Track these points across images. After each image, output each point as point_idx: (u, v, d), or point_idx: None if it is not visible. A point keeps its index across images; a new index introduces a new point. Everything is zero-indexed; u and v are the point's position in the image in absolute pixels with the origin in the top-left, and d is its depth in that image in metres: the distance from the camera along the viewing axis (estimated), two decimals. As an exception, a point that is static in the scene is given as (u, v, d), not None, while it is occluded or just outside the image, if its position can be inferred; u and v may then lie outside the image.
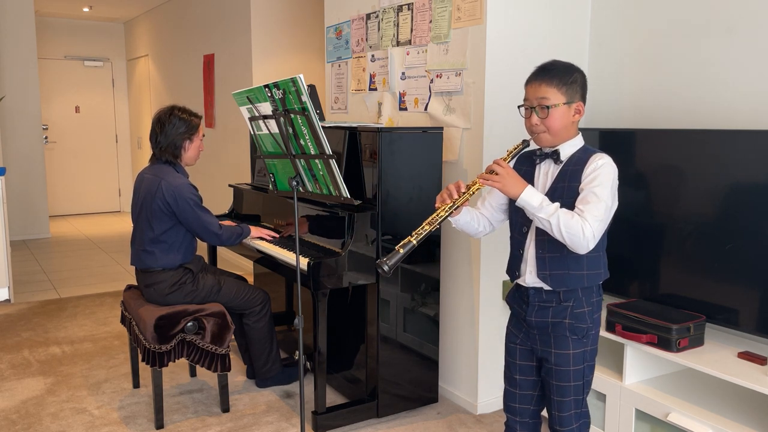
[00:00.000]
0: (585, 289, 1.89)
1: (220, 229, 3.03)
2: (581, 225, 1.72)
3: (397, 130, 2.86)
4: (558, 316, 1.89)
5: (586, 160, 1.83)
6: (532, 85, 1.86)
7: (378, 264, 1.82)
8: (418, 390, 3.07)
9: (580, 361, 1.90)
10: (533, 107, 1.84)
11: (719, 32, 2.59)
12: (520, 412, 2.05)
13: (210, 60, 6.40)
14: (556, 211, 1.74)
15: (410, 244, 1.82)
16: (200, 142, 3.08)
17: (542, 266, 1.88)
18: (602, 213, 1.75)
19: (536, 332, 1.94)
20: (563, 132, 1.85)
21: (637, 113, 2.93)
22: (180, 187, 2.90)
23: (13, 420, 2.99)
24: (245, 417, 3.02)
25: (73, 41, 9.03)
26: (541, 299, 1.91)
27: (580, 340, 1.89)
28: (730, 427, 2.20)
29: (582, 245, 1.75)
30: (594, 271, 1.88)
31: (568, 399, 1.92)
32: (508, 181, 1.77)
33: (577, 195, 1.80)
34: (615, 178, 1.81)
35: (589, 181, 1.79)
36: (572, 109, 1.84)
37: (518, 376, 2.03)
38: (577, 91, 1.84)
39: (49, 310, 4.68)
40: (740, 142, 2.33)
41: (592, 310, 1.91)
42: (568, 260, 1.84)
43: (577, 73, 1.85)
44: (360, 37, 3.67)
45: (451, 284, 3.15)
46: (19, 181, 7.12)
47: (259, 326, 3.18)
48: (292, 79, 2.16)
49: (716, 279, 2.42)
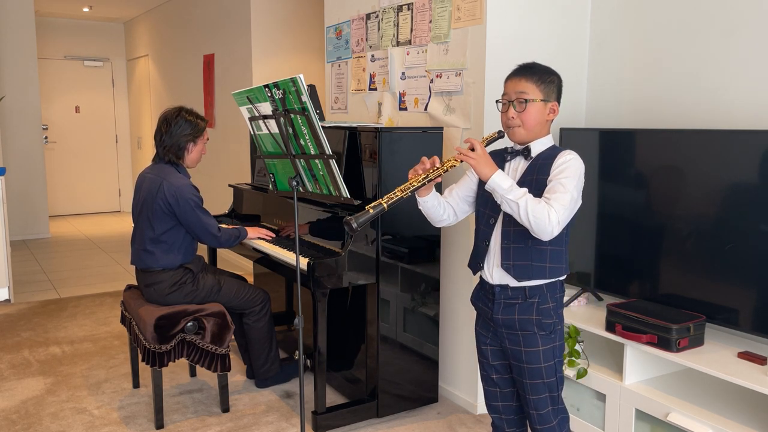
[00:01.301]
0: (549, 285, 1.93)
1: (219, 232, 3.04)
2: (547, 210, 1.77)
3: (397, 130, 2.86)
4: (524, 313, 1.92)
5: (555, 156, 1.89)
6: (512, 80, 1.92)
7: (346, 221, 1.83)
8: (418, 390, 3.07)
9: (551, 357, 1.94)
10: (511, 101, 1.90)
11: (719, 32, 2.59)
12: (504, 410, 2.08)
13: (210, 60, 6.40)
14: (525, 195, 1.79)
15: (380, 207, 1.84)
16: (204, 146, 3.09)
17: (506, 256, 1.91)
18: (568, 202, 1.80)
19: (504, 330, 1.97)
20: (537, 129, 1.91)
21: (637, 113, 2.93)
22: (182, 188, 2.91)
23: (13, 420, 2.99)
24: (245, 417, 3.02)
25: (73, 41, 9.03)
26: (506, 296, 1.94)
27: (548, 336, 1.93)
28: (730, 427, 2.20)
29: (547, 230, 1.78)
30: (556, 264, 1.91)
31: (543, 396, 1.95)
32: (482, 160, 1.82)
33: (544, 187, 1.85)
34: (582, 174, 1.86)
35: (557, 173, 1.84)
36: (548, 107, 1.91)
37: (495, 376, 2.06)
38: (553, 91, 1.92)
39: (49, 310, 4.68)
40: (740, 142, 2.33)
41: (557, 305, 1.96)
42: (531, 252, 1.89)
43: (555, 76, 1.94)
44: (360, 37, 3.67)
45: (451, 284, 3.15)
46: (19, 181, 7.12)
47: (258, 326, 3.19)
48: (292, 79, 2.16)
49: (716, 279, 2.42)
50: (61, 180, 9.02)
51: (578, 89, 3.13)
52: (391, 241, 2.86)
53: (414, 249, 2.92)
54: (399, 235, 2.87)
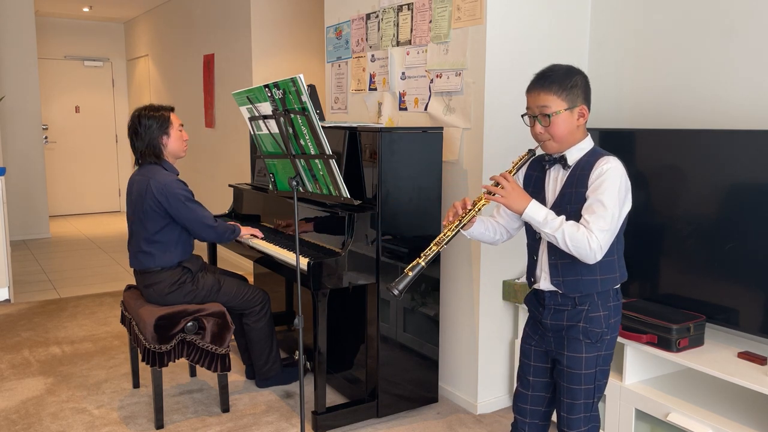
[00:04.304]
0: (601, 294, 1.87)
1: (215, 221, 3.01)
2: (587, 237, 1.72)
3: (397, 130, 2.86)
4: (573, 320, 1.88)
5: (593, 164, 1.81)
6: (532, 94, 1.84)
7: (388, 288, 1.83)
8: (418, 390, 3.07)
9: (593, 365, 1.89)
10: (535, 116, 1.83)
11: (719, 32, 2.59)
12: (531, 413, 2.04)
13: (210, 60, 6.40)
14: (561, 225, 1.74)
15: (419, 266, 1.82)
16: (180, 132, 3.05)
17: (555, 273, 1.88)
18: (608, 223, 1.74)
19: (551, 335, 1.94)
20: (569, 137, 1.84)
21: (637, 113, 2.93)
22: (169, 185, 2.89)
23: (13, 420, 2.99)
24: (245, 417, 3.02)
25: (73, 41, 9.03)
26: (556, 302, 1.90)
27: (594, 344, 1.88)
28: (730, 427, 2.20)
29: (589, 257, 1.75)
30: (608, 275, 1.86)
31: (578, 402, 1.91)
32: (512, 195, 1.78)
33: (583, 200, 1.79)
34: (623, 181, 1.79)
35: (594, 188, 1.77)
36: (575, 113, 1.82)
37: (531, 378, 2.02)
38: (578, 94, 1.82)
39: (49, 310, 4.68)
40: (740, 142, 2.33)
41: (609, 314, 1.88)
42: (580, 266, 1.83)
43: (578, 76, 1.83)
44: (360, 37, 3.67)
45: (451, 284, 3.15)
46: (19, 181, 7.12)
47: (258, 326, 3.18)
48: (292, 79, 2.16)
49: (716, 279, 2.42)
50: (61, 180, 9.02)
51: (578, 89, 3.12)
52: (391, 241, 2.86)
53: (414, 249, 2.92)
54: (399, 235, 2.87)
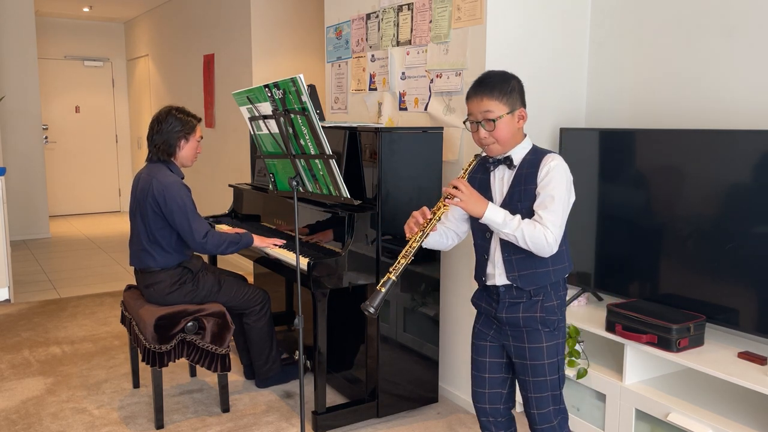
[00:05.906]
0: (553, 284, 1.95)
1: (204, 237, 2.90)
2: (543, 233, 1.81)
3: (397, 130, 2.86)
4: (529, 311, 1.94)
5: (539, 162, 1.90)
6: (473, 101, 1.93)
7: (363, 307, 1.86)
8: (418, 390, 3.07)
9: (554, 353, 1.96)
10: (479, 121, 1.91)
11: (719, 32, 2.59)
12: (491, 412, 2.09)
13: (210, 60, 6.40)
14: (519, 225, 1.82)
15: (390, 281, 1.86)
16: (197, 144, 3.06)
17: (510, 268, 1.94)
18: (560, 217, 1.84)
19: (508, 328, 1.99)
20: (511, 139, 1.93)
21: (636, 113, 2.93)
22: (169, 186, 2.88)
23: (13, 420, 2.99)
24: (245, 417, 3.02)
25: (73, 41, 9.03)
26: (511, 296, 1.96)
27: (552, 333, 1.95)
28: (730, 427, 2.20)
29: (546, 251, 1.84)
30: (559, 265, 1.95)
31: (545, 395, 1.97)
32: (470, 200, 1.84)
33: (534, 197, 1.88)
34: (568, 176, 1.90)
35: (545, 184, 1.86)
36: (515, 116, 1.92)
37: (487, 375, 2.07)
38: (516, 98, 1.91)
39: (49, 310, 4.68)
40: (740, 142, 2.33)
41: (561, 303, 1.98)
42: (533, 260, 1.91)
43: (514, 80, 1.93)
44: (360, 37, 3.67)
45: (451, 284, 3.15)
46: (19, 181, 7.12)
47: (258, 326, 3.18)
48: (292, 79, 2.16)
49: (716, 279, 2.42)
50: (61, 180, 9.02)
51: (578, 89, 3.12)
52: (391, 241, 2.86)
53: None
54: (399, 235, 2.87)
